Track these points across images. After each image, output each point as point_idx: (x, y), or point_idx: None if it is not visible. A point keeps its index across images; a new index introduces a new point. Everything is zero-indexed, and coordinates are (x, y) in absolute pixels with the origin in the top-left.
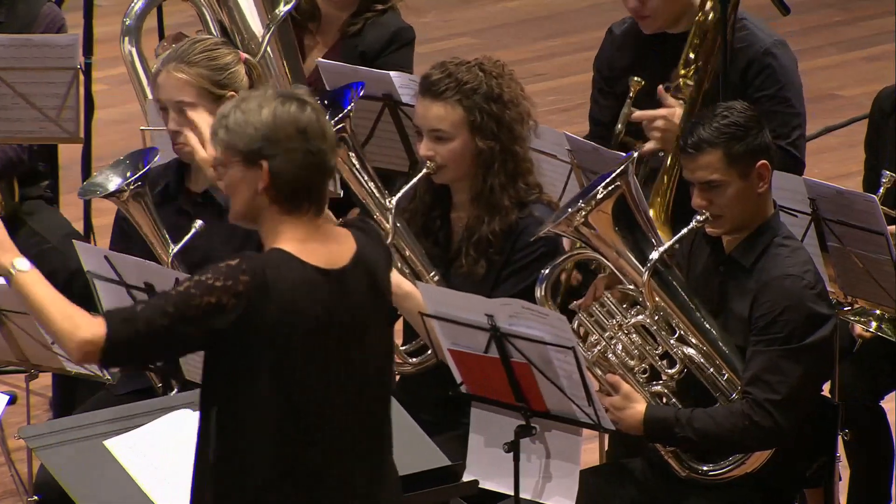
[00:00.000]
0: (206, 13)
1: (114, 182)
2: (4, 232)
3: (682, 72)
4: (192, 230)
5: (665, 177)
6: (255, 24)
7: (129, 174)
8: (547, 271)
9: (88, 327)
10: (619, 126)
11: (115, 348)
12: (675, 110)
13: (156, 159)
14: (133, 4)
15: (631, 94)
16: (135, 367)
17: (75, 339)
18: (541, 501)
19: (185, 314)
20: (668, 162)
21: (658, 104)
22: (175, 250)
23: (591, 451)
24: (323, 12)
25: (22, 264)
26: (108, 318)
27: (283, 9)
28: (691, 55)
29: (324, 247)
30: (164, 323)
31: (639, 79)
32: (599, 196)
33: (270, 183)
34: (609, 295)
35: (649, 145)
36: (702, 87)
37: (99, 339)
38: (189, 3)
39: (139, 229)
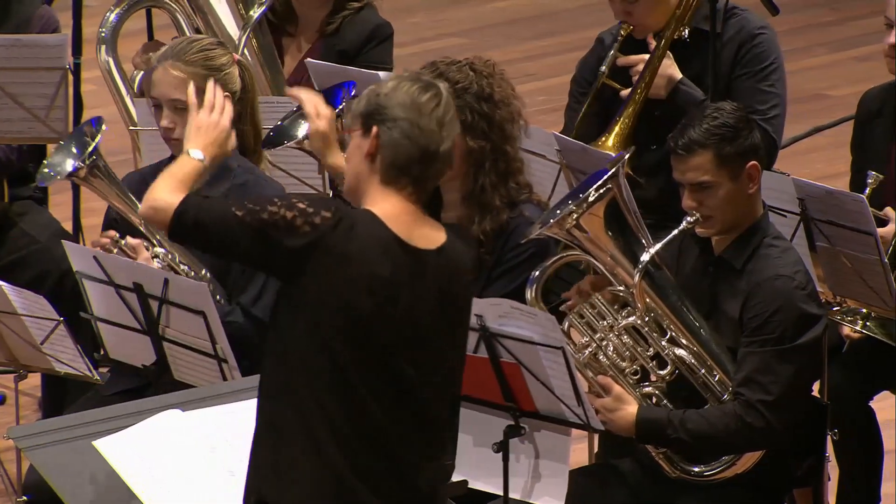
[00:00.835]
0: (181, 18)
1: (68, 163)
2: (208, 121)
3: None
4: None
5: (630, 104)
6: (231, 27)
7: (76, 151)
8: (537, 273)
9: (171, 192)
10: (604, 68)
11: (185, 214)
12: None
13: (103, 128)
14: (108, 15)
15: (619, 38)
16: (197, 244)
17: (151, 196)
18: (530, 501)
19: (259, 215)
20: (637, 90)
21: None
22: None
23: (580, 451)
24: (299, 13)
25: (195, 154)
26: (190, 192)
27: (257, 11)
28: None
29: (413, 226)
30: (237, 213)
31: (627, 23)
32: (591, 199)
33: (376, 148)
34: (599, 297)
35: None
36: (677, 26)
37: (174, 203)
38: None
39: (107, 201)
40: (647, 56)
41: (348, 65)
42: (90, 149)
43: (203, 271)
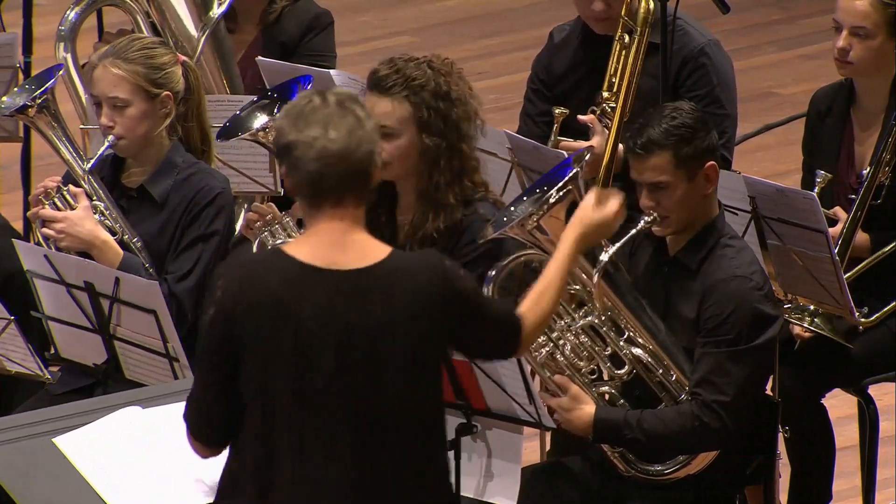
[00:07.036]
0: (139, 17)
1: (19, 100)
2: None
3: (606, 95)
4: (105, 144)
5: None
6: (189, 26)
7: (32, 90)
8: (493, 273)
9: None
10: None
11: (190, 426)
12: (600, 140)
13: (60, 73)
14: (68, 13)
15: (556, 125)
16: (232, 424)
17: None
18: (482, 500)
19: (196, 373)
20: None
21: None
22: (89, 167)
23: (532, 449)
24: (237, 8)
25: None
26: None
27: (216, 11)
28: (613, 80)
29: (335, 248)
30: (197, 377)
31: (562, 109)
32: (552, 200)
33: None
34: None
35: None
36: (624, 113)
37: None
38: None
39: (53, 148)
40: (587, 144)
41: (290, 55)
42: (41, 90)
43: (136, 239)
